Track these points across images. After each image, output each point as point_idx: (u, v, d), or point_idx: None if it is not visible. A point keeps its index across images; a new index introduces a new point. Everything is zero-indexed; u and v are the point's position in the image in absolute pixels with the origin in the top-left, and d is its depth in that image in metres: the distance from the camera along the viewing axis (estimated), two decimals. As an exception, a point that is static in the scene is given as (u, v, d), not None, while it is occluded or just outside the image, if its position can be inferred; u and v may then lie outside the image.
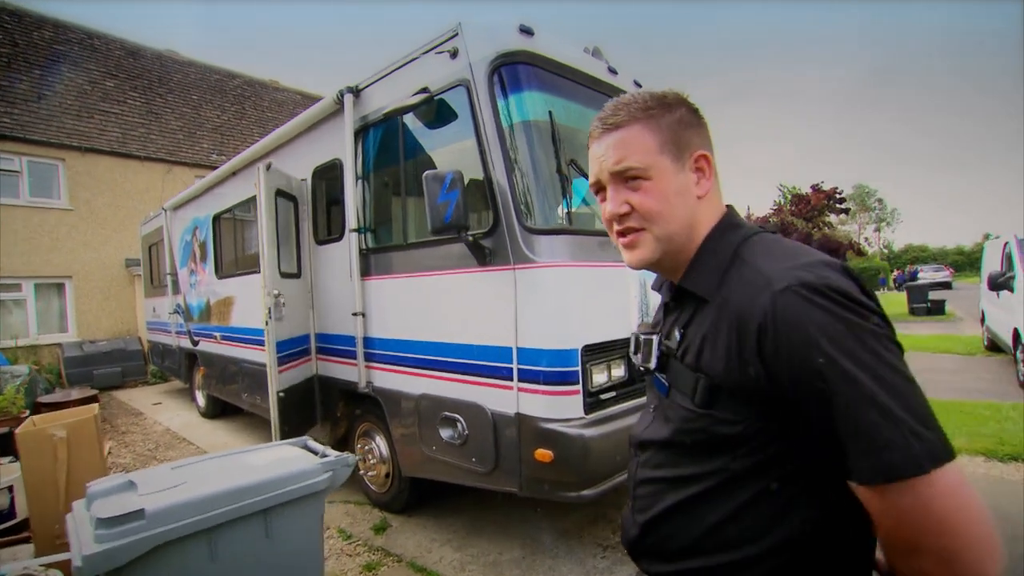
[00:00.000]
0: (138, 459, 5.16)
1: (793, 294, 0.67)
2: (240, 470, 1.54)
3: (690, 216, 0.81)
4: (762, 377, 0.69)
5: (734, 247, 0.79)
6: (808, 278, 0.67)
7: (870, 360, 0.63)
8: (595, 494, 2.36)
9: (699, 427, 0.77)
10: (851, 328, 0.65)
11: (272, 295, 3.44)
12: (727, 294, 0.76)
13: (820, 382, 0.64)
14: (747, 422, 0.72)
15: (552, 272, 2.40)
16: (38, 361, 9.44)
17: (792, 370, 0.66)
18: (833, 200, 25.86)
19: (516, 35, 2.60)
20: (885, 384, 0.62)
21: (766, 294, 0.69)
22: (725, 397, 0.74)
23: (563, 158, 2.60)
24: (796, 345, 0.65)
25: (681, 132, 0.80)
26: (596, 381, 2.47)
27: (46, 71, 10.50)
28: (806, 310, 0.66)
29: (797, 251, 0.75)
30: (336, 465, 1.68)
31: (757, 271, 0.73)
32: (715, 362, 0.75)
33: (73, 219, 10.37)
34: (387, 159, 3.30)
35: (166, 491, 1.37)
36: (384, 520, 3.47)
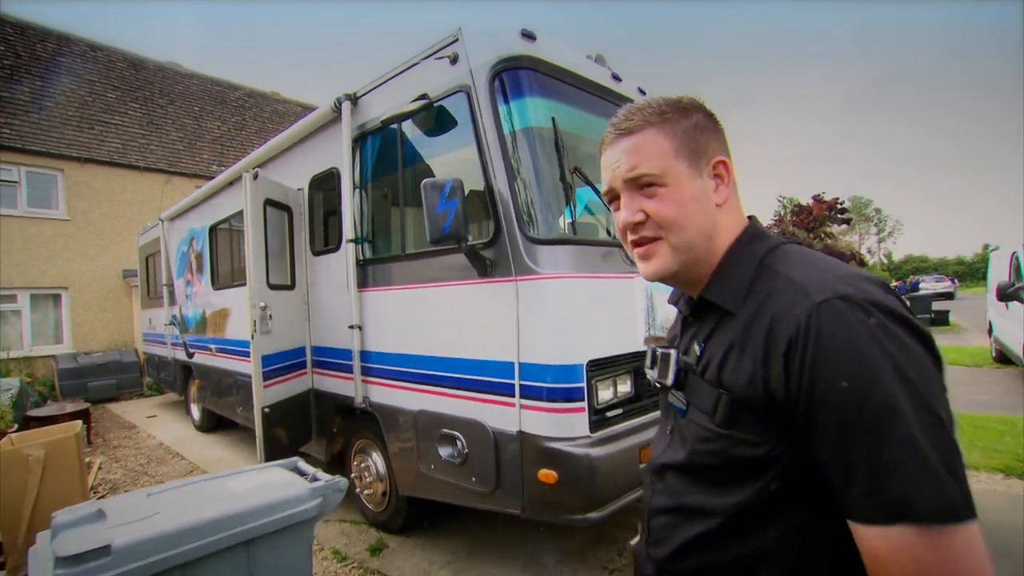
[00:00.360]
0: (128, 475, 5.02)
1: (833, 307, 0.62)
2: (222, 497, 1.43)
3: (709, 224, 0.77)
4: (781, 392, 0.64)
5: (759, 257, 0.75)
6: (848, 291, 0.63)
7: (912, 389, 0.58)
8: (602, 517, 2.25)
9: (718, 448, 0.71)
10: (895, 350, 0.59)
11: (259, 307, 3.34)
12: (756, 306, 0.71)
13: (848, 404, 0.59)
14: (771, 444, 0.66)
15: (555, 284, 2.30)
16: (32, 373, 9.31)
17: (815, 387, 0.61)
18: (834, 211, 25.88)
19: (518, 40, 2.53)
20: (924, 419, 0.57)
21: (803, 305, 0.64)
22: (747, 415, 0.68)
23: (566, 166, 2.51)
24: (829, 361, 0.60)
25: (698, 137, 0.77)
26: (602, 398, 2.36)
27: (48, 82, 10.52)
28: (847, 325, 0.61)
29: (831, 263, 0.71)
30: (327, 490, 1.57)
31: (790, 281, 0.68)
32: (739, 376, 0.69)
33: (70, 230, 10.30)
34: (385, 168, 3.22)
35: (138, 522, 1.25)
36: (381, 540, 3.34)
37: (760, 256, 0.75)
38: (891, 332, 0.60)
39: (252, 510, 1.37)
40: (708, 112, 0.80)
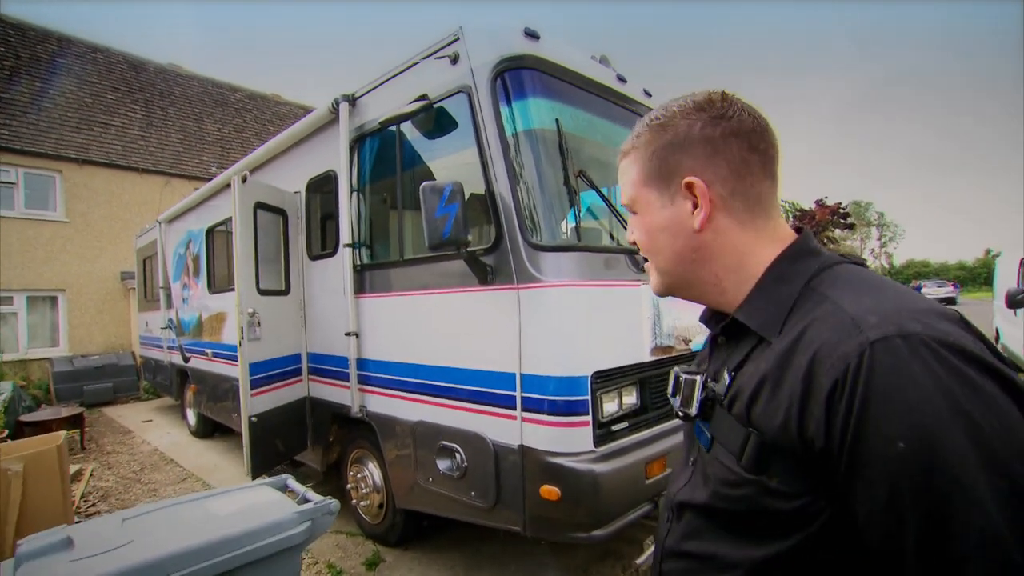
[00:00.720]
0: (121, 482, 4.92)
1: (892, 347, 0.50)
2: (202, 522, 1.33)
3: (687, 251, 0.71)
4: (820, 440, 0.53)
5: (807, 278, 0.64)
6: (913, 328, 0.51)
7: (995, 460, 0.46)
8: (606, 535, 2.15)
9: (744, 495, 0.61)
10: (974, 406, 0.47)
11: (247, 313, 3.24)
12: (796, 334, 0.59)
13: (904, 471, 0.48)
14: (808, 497, 0.56)
15: (559, 292, 2.21)
16: (27, 376, 9.23)
17: (862, 442, 0.50)
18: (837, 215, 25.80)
19: (520, 39, 2.45)
20: (1011, 503, 0.45)
21: (853, 341, 0.52)
22: (780, 461, 0.58)
23: (570, 169, 2.43)
24: (883, 415, 0.49)
25: (668, 157, 0.70)
26: (607, 411, 2.27)
27: (47, 84, 10.47)
28: (909, 371, 0.49)
29: (894, 290, 0.59)
30: (316, 513, 1.47)
31: (840, 309, 0.57)
32: (772, 415, 0.59)
33: (68, 231, 10.23)
34: (383, 171, 3.13)
35: (107, 553, 1.16)
36: (377, 554, 3.24)
37: (808, 276, 0.64)
38: (969, 382, 0.49)
39: (234, 537, 1.27)
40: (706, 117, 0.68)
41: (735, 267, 0.70)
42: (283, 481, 1.77)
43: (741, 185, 0.68)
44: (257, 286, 3.42)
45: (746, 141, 0.67)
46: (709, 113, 0.68)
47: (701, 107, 0.68)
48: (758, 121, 0.68)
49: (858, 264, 0.67)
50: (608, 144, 2.80)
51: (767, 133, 0.69)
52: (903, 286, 0.61)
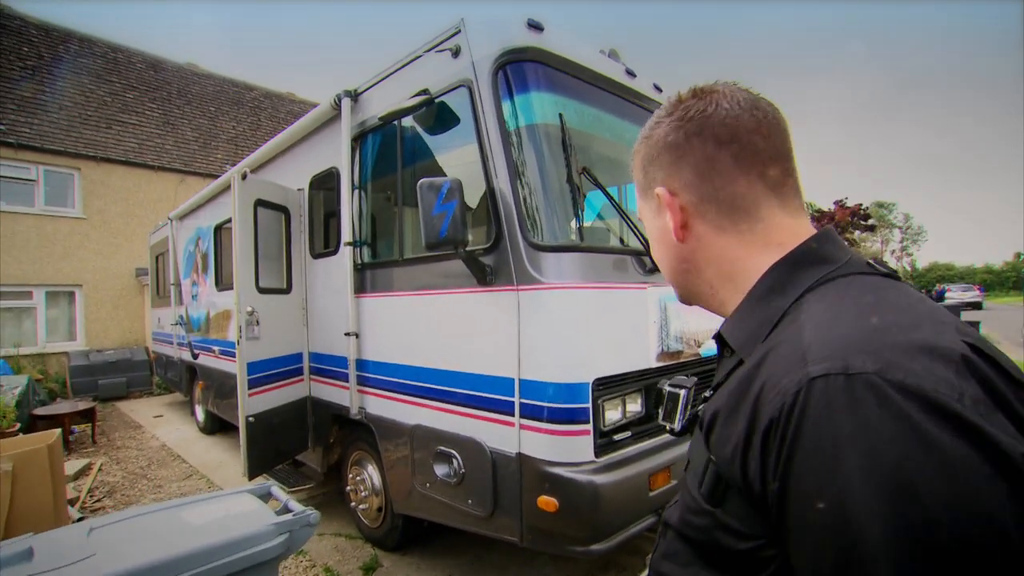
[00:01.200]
0: (128, 477, 4.95)
1: (830, 388, 0.42)
2: (173, 532, 1.27)
3: (676, 260, 0.68)
4: (757, 484, 0.47)
5: (802, 290, 0.55)
6: (865, 365, 0.41)
7: (922, 548, 0.37)
8: (606, 549, 2.05)
9: (703, 524, 0.56)
10: (919, 472, 0.37)
11: (246, 312, 3.20)
12: (760, 357, 0.52)
13: (821, 536, 0.41)
14: (760, 542, 0.49)
15: (560, 294, 2.11)
16: (45, 370, 9.40)
17: (788, 494, 0.44)
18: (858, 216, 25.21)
19: (524, 31, 2.35)
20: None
21: (794, 376, 0.45)
22: (735, 496, 0.52)
23: (574, 167, 2.33)
24: (806, 469, 0.42)
25: (648, 169, 0.68)
26: (609, 419, 2.16)
27: (68, 83, 10.67)
28: (839, 420, 0.41)
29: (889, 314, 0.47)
30: (295, 525, 1.40)
31: (799, 335, 0.49)
32: (724, 444, 0.52)
33: (86, 228, 10.41)
34: (385, 167, 3.07)
35: (63, 568, 1.10)
36: (375, 558, 3.18)
37: (804, 288, 0.55)
38: (921, 440, 0.38)
39: (204, 551, 1.20)
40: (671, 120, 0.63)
41: (727, 276, 0.64)
42: (267, 488, 1.71)
43: (710, 188, 0.61)
44: (257, 284, 3.38)
45: (711, 139, 0.60)
46: (674, 116, 0.63)
47: (670, 111, 0.64)
48: (731, 111, 0.60)
49: (886, 276, 0.55)
50: (616, 140, 2.69)
51: (744, 122, 0.60)
52: (912, 309, 0.48)
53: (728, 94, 0.61)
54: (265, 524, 1.35)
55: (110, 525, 1.36)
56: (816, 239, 0.59)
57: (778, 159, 0.61)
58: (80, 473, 4.88)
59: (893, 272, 0.56)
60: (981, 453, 0.37)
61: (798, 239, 0.60)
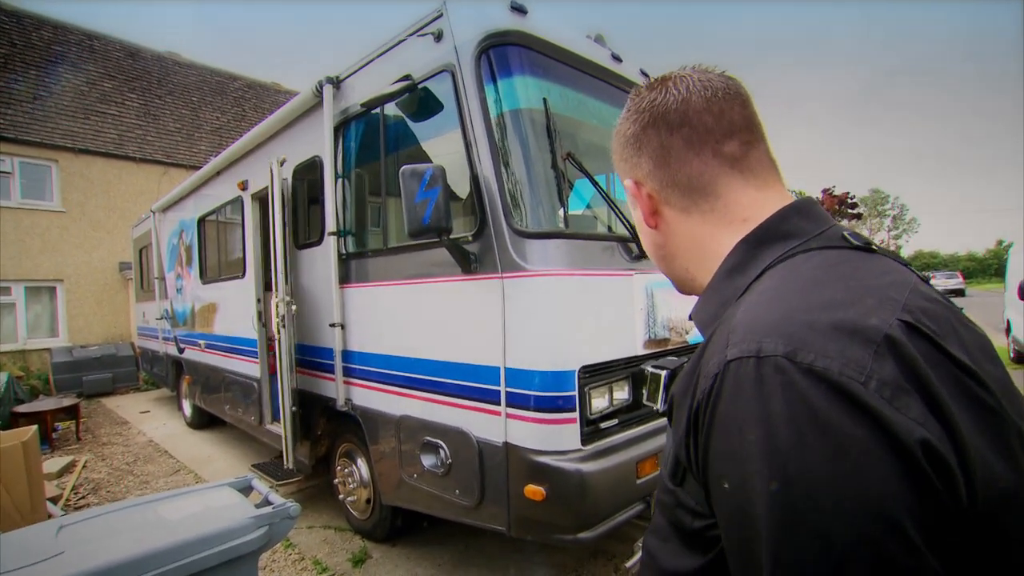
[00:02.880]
0: (113, 474, 4.88)
1: (741, 370, 0.43)
2: (148, 528, 1.24)
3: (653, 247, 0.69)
4: (694, 467, 0.50)
5: (764, 267, 0.55)
6: (774, 348, 0.42)
7: (809, 522, 0.38)
8: (593, 537, 2.05)
9: (668, 504, 0.58)
10: (813, 453, 0.38)
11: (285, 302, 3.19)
12: (708, 339, 0.54)
13: (727, 512, 0.45)
14: (709, 521, 0.51)
15: (545, 281, 2.09)
16: (27, 367, 9.23)
17: (708, 473, 0.47)
18: (845, 205, 25.44)
19: (507, 14, 2.31)
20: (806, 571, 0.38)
21: (716, 359, 0.47)
22: (691, 476, 0.53)
23: (559, 152, 2.29)
24: (717, 447, 0.45)
25: (617, 162, 0.69)
26: (595, 407, 2.16)
27: (43, 72, 10.36)
28: (744, 400, 0.42)
29: (826, 290, 0.47)
30: (274, 518, 1.37)
31: (734, 316, 0.50)
32: (676, 427, 0.55)
33: (65, 221, 10.18)
34: (368, 155, 3.01)
35: (27, 568, 1.06)
36: (364, 550, 3.17)
37: (764, 266, 0.55)
38: (817, 424, 0.38)
39: (179, 545, 1.17)
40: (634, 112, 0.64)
41: (699, 258, 0.64)
42: (247, 481, 1.68)
43: (668, 174, 0.62)
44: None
45: (663, 126, 0.61)
46: (631, 109, 0.65)
47: (629, 105, 0.66)
48: (681, 96, 0.60)
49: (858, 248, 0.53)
50: (601, 126, 2.66)
51: (694, 104, 0.59)
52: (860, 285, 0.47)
53: (681, 79, 0.61)
54: (243, 517, 1.32)
55: (82, 522, 1.32)
56: (781, 213, 0.58)
57: (734, 133, 0.59)
58: (64, 470, 4.80)
59: (868, 245, 0.54)
60: (876, 436, 0.37)
61: (765, 213, 0.58)
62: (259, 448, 5.31)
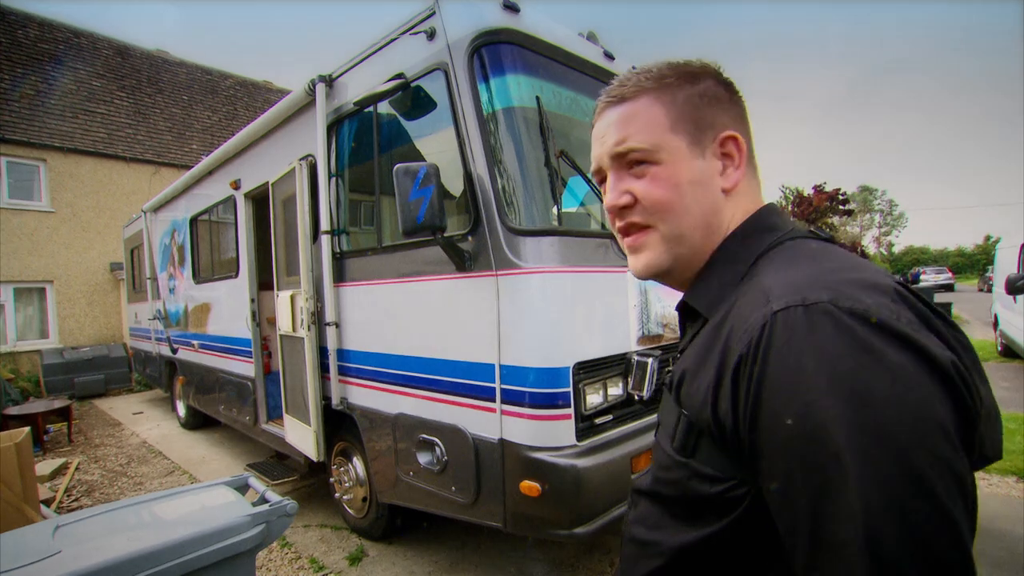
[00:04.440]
0: (107, 475, 4.85)
1: (791, 317, 0.48)
2: (145, 527, 1.24)
3: (710, 213, 0.64)
4: (729, 420, 0.51)
5: (757, 254, 0.61)
6: (819, 296, 0.48)
7: (880, 439, 0.42)
8: (589, 532, 2.07)
9: (676, 479, 0.60)
10: (869, 379, 0.43)
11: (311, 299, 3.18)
12: (724, 312, 0.58)
13: (790, 449, 0.46)
14: (731, 482, 0.53)
15: (539, 278, 2.10)
16: (16, 369, 9.13)
17: (758, 420, 0.48)
18: (836, 201, 25.59)
19: (499, 12, 2.31)
20: (892, 488, 0.41)
21: (759, 313, 0.51)
22: (706, 443, 0.56)
23: (552, 150, 2.30)
24: (773, 389, 0.47)
25: (704, 108, 0.64)
26: (590, 403, 2.17)
27: (29, 70, 10.23)
28: (801, 341, 0.46)
29: (834, 261, 0.55)
30: (271, 515, 1.38)
31: (760, 283, 0.55)
32: (695, 394, 0.57)
33: (54, 221, 10.07)
34: (362, 154, 3.01)
35: (24, 568, 1.06)
36: (361, 548, 3.17)
37: (759, 252, 0.61)
38: (870, 351, 0.44)
39: (176, 544, 1.17)
40: (723, 80, 0.67)
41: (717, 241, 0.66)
42: (244, 480, 1.68)
43: (750, 153, 0.67)
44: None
45: (746, 114, 0.68)
46: (723, 79, 0.67)
47: (718, 71, 0.67)
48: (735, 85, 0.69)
49: (823, 239, 0.62)
50: (594, 124, 2.67)
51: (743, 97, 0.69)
52: (852, 260, 0.56)
53: None
54: (240, 515, 1.32)
55: (78, 522, 1.32)
56: (763, 211, 0.66)
57: None
58: (56, 472, 4.77)
59: (831, 237, 0.63)
60: (918, 359, 0.44)
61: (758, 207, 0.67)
62: (254, 448, 5.30)
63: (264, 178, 3.89)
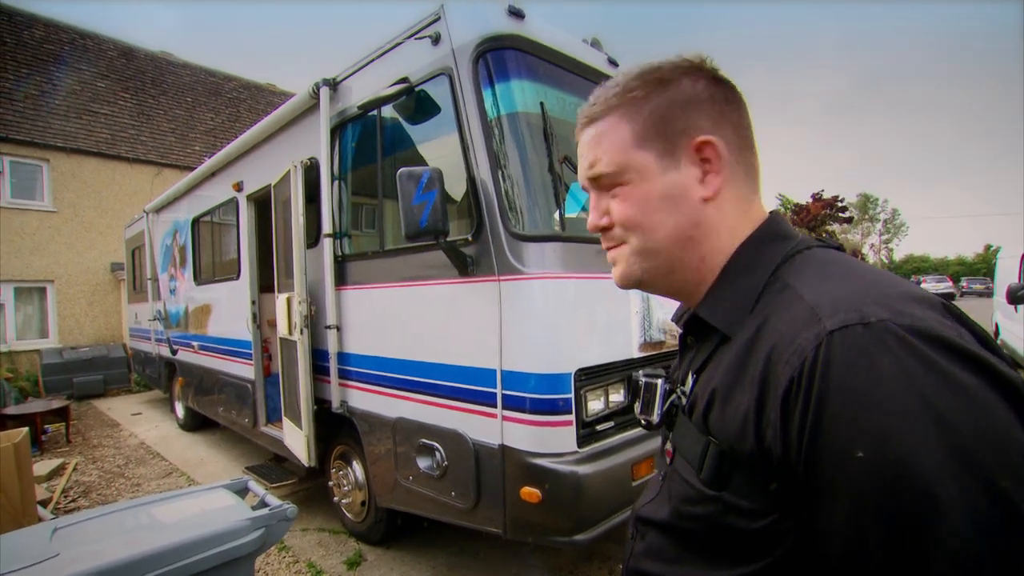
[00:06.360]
0: (104, 476, 4.83)
1: (852, 337, 0.44)
2: (143, 531, 1.24)
3: (687, 225, 0.60)
4: (778, 447, 0.46)
5: (775, 265, 0.57)
6: (879, 314, 0.44)
7: (970, 466, 0.39)
8: (589, 539, 2.06)
9: (704, 513, 0.55)
10: (948, 404, 0.40)
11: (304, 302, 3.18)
12: (755, 328, 0.53)
13: (866, 484, 0.41)
14: (775, 515, 0.49)
15: (541, 284, 2.10)
16: (15, 369, 9.11)
17: (820, 450, 0.43)
18: (835, 209, 25.65)
19: (504, 18, 2.32)
20: (989, 516, 0.38)
21: (810, 332, 0.46)
22: (742, 473, 0.52)
23: (556, 155, 2.31)
24: (840, 417, 0.42)
25: (674, 115, 0.60)
26: (591, 409, 2.17)
27: (34, 71, 10.27)
28: (870, 364, 0.42)
29: (868, 274, 0.52)
30: (271, 519, 1.37)
31: (799, 298, 0.51)
32: (729, 420, 0.52)
33: (56, 221, 10.08)
34: (365, 158, 3.01)
35: (25, 570, 1.05)
36: (359, 553, 3.16)
37: (777, 263, 0.57)
38: (943, 374, 0.41)
39: (175, 548, 1.17)
40: (707, 77, 0.61)
41: (723, 250, 0.61)
42: (243, 483, 1.67)
43: (742, 155, 0.61)
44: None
45: (739, 106, 0.62)
46: (708, 73, 0.61)
47: (698, 67, 0.61)
48: (738, 89, 0.64)
49: (834, 248, 0.60)
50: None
51: (745, 103, 0.64)
52: (879, 270, 0.53)
53: None
54: (240, 519, 1.32)
55: (76, 524, 1.31)
56: (771, 219, 0.63)
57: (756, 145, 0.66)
58: (54, 473, 4.75)
59: (840, 246, 0.61)
60: (988, 381, 0.41)
61: (761, 218, 0.63)
62: (252, 450, 5.28)
63: (266, 180, 3.90)
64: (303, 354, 3.16)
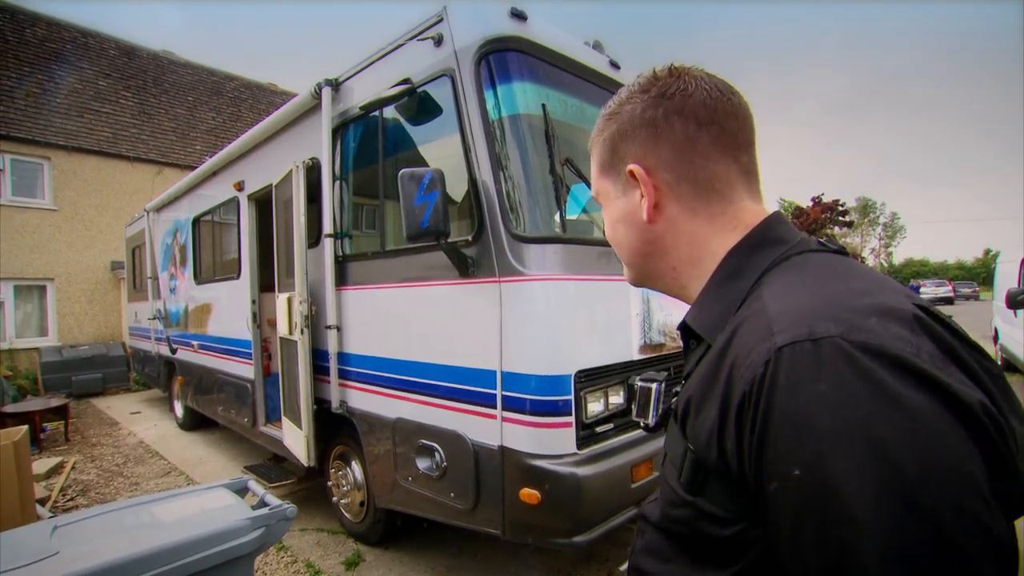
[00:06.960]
0: (103, 475, 4.83)
1: (797, 354, 0.43)
2: (143, 529, 1.24)
3: (641, 243, 0.66)
4: (734, 461, 0.47)
5: (760, 271, 0.57)
6: (828, 330, 0.43)
7: (903, 495, 0.37)
8: (588, 541, 2.06)
9: (683, 517, 0.56)
10: (888, 426, 0.38)
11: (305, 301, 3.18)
12: (728, 338, 0.52)
13: (799, 502, 0.41)
14: (743, 524, 0.49)
15: (542, 286, 2.10)
16: (15, 367, 9.11)
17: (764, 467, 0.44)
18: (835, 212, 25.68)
19: (507, 20, 2.33)
20: (918, 550, 0.36)
21: (763, 347, 0.46)
22: (715, 481, 0.52)
23: (557, 157, 2.31)
24: (779, 435, 0.42)
25: (616, 145, 0.65)
26: (591, 411, 2.17)
27: (36, 69, 10.28)
28: (809, 382, 0.41)
29: (844, 281, 0.50)
30: (271, 519, 1.37)
31: (764, 308, 0.50)
32: (699, 431, 0.52)
33: (57, 219, 10.09)
34: (366, 158, 3.02)
35: (22, 568, 1.05)
36: (357, 553, 3.15)
37: (763, 269, 0.57)
38: (887, 394, 0.39)
39: (174, 547, 1.17)
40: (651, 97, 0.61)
41: (692, 260, 0.63)
42: (243, 483, 1.67)
43: (688, 169, 0.61)
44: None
45: (692, 119, 0.60)
46: (651, 94, 0.62)
47: (645, 88, 0.62)
48: (711, 94, 0.60)
49: (836, 252, 0.58)
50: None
51: (723, 106, 0.60)
52: (870, 277, 0.51)
53: (701, 77, 0.61)
54: (239, 519, 1.32)
55: (76, 523, 1.31)
56: (767, 222, 0.61)
57: (748, 146, 0.63)
58: (52, 472, 4.75)
59: (842, 249, 0.59)
60: (941, 403, 0.39)
61: (757, 222, 0.61)
62: (251, 450, 5.28)
63: (268, 180, 3.90)
64: (303, 354, 3.16)
